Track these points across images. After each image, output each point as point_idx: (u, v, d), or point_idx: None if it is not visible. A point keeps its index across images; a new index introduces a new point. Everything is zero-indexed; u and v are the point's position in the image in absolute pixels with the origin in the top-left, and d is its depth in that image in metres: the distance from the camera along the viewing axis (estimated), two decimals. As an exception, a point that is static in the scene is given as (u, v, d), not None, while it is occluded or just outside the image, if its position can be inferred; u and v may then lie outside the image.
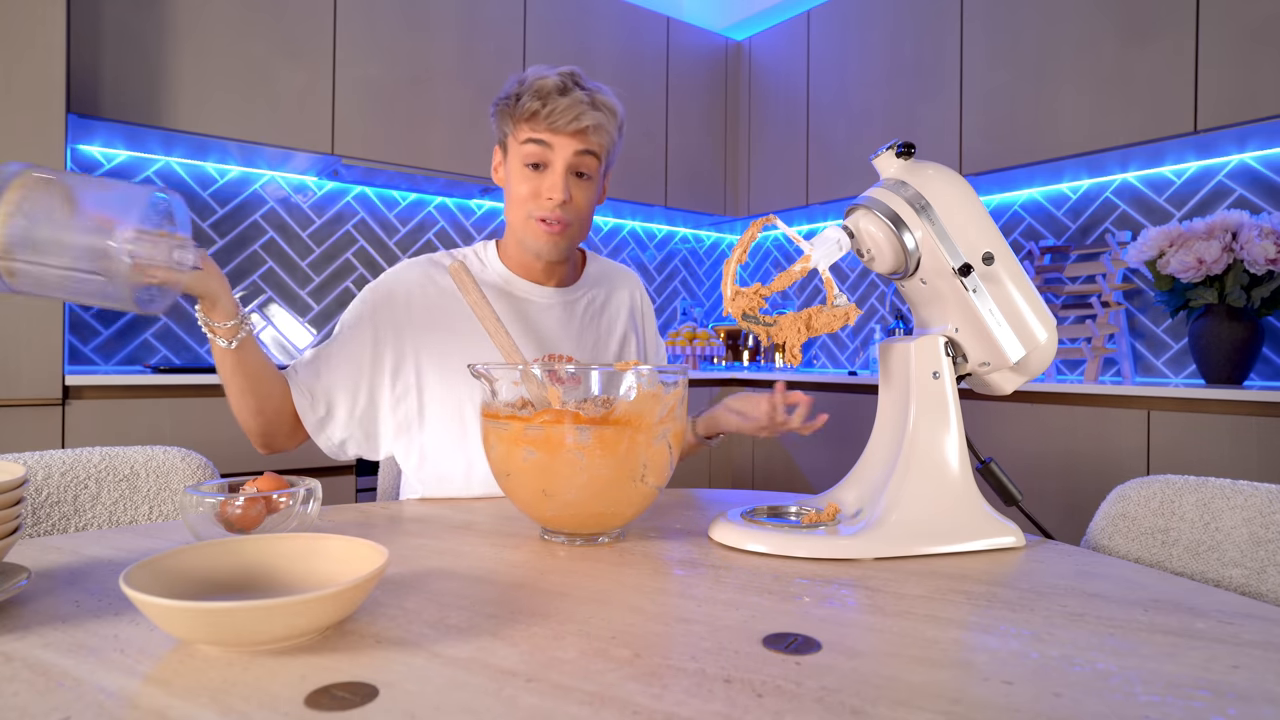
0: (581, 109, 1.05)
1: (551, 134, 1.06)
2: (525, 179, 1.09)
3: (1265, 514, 0.83)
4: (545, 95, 1.05)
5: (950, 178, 0.80)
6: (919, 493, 0.78)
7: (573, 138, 1.06)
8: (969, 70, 2.62)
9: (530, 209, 1.10)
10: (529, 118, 1.06)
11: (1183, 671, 0.48)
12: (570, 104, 1.05)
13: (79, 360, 2.36)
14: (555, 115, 1.05)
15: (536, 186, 1.08)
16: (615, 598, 0.61)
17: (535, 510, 0.78)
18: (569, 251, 1.15)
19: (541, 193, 1.08)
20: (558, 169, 1.07)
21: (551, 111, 1.05)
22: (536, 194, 1.09)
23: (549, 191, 1.08)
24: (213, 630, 0.47)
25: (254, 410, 1.00)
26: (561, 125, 1.05)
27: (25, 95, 1.83)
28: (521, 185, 1.09)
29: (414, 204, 2.96)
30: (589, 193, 1.11)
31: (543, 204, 1.09)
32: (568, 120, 1.05)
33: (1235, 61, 2.04)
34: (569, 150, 1.07)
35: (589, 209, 1.13)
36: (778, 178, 3.31)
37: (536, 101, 1.05)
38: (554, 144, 1.07)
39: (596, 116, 1.06)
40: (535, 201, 1.09)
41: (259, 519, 0.72)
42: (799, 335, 0.80)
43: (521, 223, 1.12)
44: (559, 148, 1.07)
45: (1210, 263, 1.96)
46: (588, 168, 1.09)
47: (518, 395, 0.78)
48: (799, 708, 0.42)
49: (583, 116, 1.05)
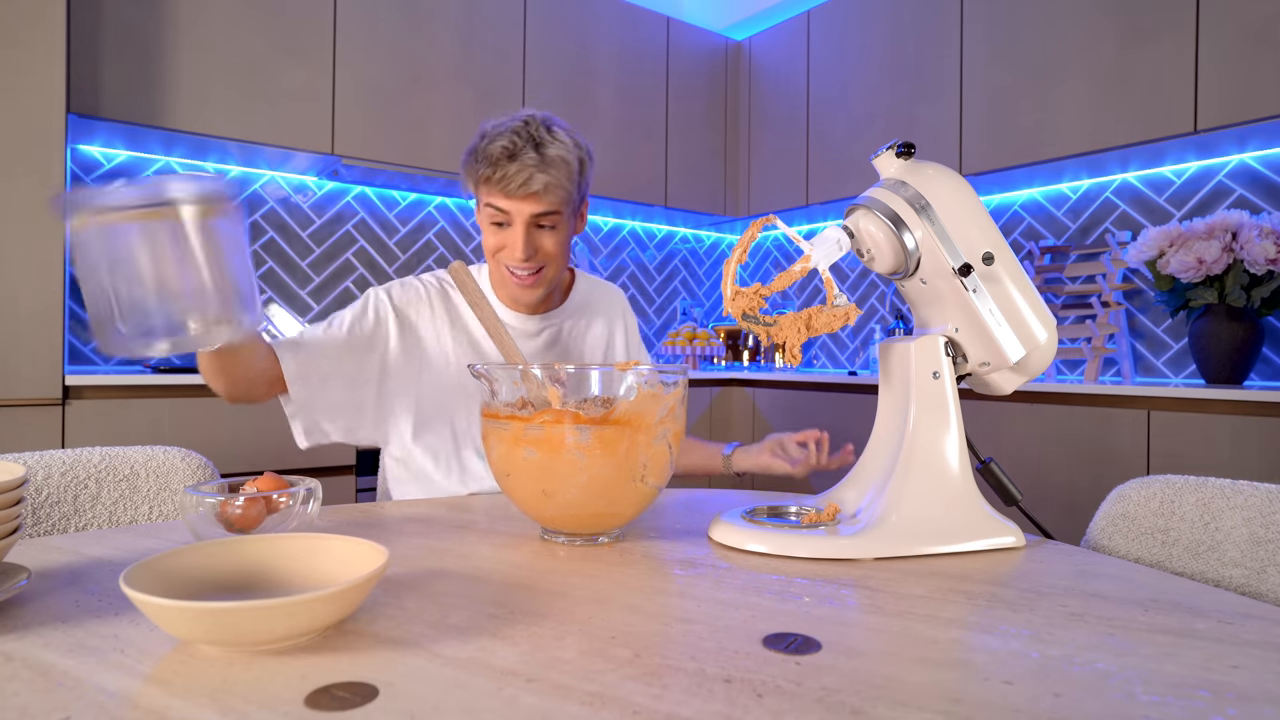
0: (530, 173, 1.07)
1: (505, 199, 1.10)
2: (492, 234, 1.14)
3: (1265, 514, 0.83)
4: (495, 161, 1.08)
5: (950, 178, 0.80)
6: (919, 493, 0.78)
7: (525, 201, 1.09)
8: (969, 70, 2.62)
9: (500, 258, 1.15)
10: (484, 181, 1.10)
11: (1183, 671, 0.48)
12: (519, 169, 1.07)
13: (79, 360, 2.36)
14: (506, 181, 1.08)
15: (502, 240, 1.14)
16: (615, 598, 0.61)
17: (535, 510, 0.78)
18: (548, 290, 1.20)
19: (506, 246, 1.13)
20: (517, 229, 1.11)
21: (503, 178, 1.08)
22: (502, 246, 1.14)
23: (511, 249, 1.12)
24: (213, 630, 0.47)
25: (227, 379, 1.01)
26: (513, 190, 1.08)
27: (25, 95, 1.83)
28: (489, 239, 1.15)
29: (414, 204, 2.96)
30: (557, 238, 1.15)
31: (507, 257, 1.14)
32: (517, 186, 1.08)
33: (1235, 61, 2.04)
34: (525, 213, 1.11)
35: (560, 251, 1.16)
36: (778, 178, 3.30)
37: (488, 168, 1.09)
38: (510, 206, 1.10)
39: (545, 179, 1.08)
40: (503, 253, 1.14)
41: (259, 519, 0.72)
42: (799, 335, 0.80)
43: (495, 269, 1.18)
44: (515, 211, 1.10)
45: (1210, 263, 1.96)
46: (550, 221, 1.13)
47: (518, 395, 0.78)
48: (799, 708, 0.42)
49: (531, 181, 1.08)
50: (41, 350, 1.84)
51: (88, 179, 2.38)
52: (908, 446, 0.79)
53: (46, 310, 1.85)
